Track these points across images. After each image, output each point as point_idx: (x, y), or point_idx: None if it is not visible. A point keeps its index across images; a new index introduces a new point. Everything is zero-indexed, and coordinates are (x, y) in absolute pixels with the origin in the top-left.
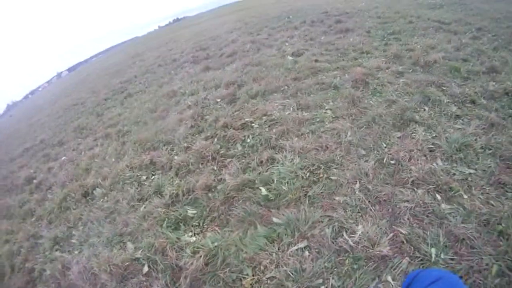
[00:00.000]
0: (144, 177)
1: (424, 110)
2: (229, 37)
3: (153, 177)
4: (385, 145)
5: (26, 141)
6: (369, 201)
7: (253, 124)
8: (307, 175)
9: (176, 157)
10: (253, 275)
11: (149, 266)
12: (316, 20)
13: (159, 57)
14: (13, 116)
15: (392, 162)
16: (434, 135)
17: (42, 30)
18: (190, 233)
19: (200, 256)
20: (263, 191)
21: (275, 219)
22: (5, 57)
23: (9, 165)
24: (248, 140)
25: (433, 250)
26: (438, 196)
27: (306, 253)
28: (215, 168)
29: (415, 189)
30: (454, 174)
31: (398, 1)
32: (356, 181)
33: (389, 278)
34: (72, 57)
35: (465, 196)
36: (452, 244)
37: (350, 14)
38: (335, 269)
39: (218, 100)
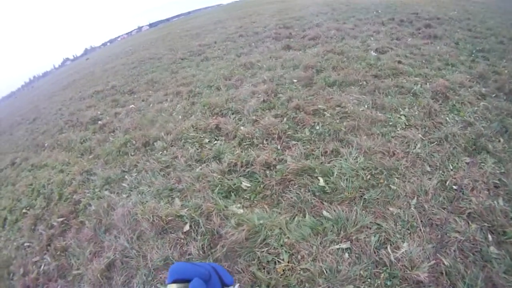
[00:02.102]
0: (207, 140)
1: (499, 141)
2: (314, 20)
3: (215, 142)
4: (451, 167)
5: (98, 84)
6: (421, 221)
7: (325, 112)
8: (368, 177)
9: (242, 127)
10: (288, 262)
11: (190, 226)
12: (405, 20)
13: (241, 27)
14: (89, 60)
15: (454, 187)
16: (502, 170)
17: None
18: (239, 205)
19: (243, 230)
20: (321, 182)
21: (325, 213)
22: (84, 7)
23: (78, 103)
24: (317, 127)
25: None
26: (490, 237)
27: (346, 255)
28: (279, 147)
29: (470, 222)
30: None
31: (491, 17)
32: (414, 197)
33: None
34: (151, 17)
35: None
36: None
37: (440, 21)
38: (369, 280)
39: (295, 81)
